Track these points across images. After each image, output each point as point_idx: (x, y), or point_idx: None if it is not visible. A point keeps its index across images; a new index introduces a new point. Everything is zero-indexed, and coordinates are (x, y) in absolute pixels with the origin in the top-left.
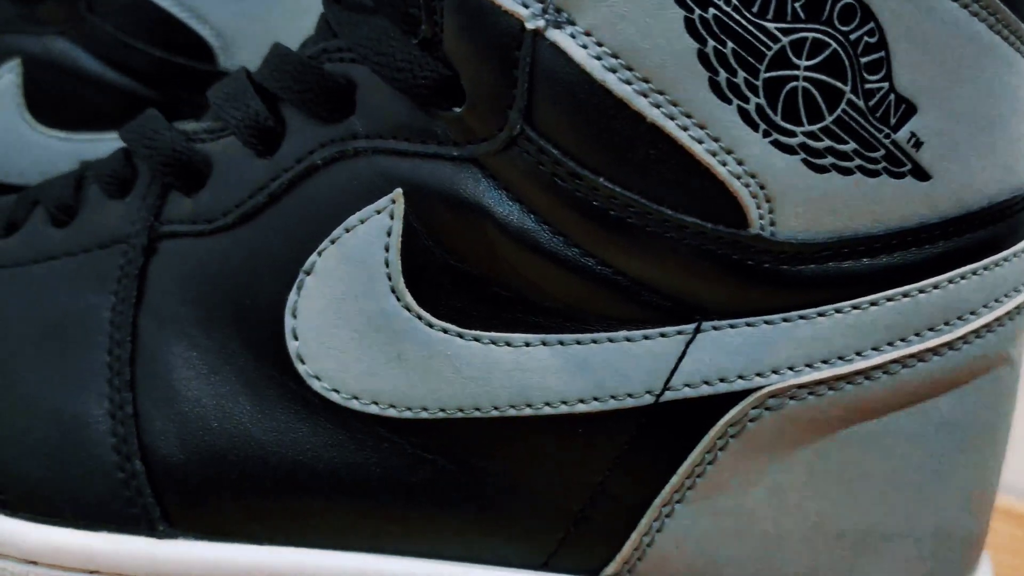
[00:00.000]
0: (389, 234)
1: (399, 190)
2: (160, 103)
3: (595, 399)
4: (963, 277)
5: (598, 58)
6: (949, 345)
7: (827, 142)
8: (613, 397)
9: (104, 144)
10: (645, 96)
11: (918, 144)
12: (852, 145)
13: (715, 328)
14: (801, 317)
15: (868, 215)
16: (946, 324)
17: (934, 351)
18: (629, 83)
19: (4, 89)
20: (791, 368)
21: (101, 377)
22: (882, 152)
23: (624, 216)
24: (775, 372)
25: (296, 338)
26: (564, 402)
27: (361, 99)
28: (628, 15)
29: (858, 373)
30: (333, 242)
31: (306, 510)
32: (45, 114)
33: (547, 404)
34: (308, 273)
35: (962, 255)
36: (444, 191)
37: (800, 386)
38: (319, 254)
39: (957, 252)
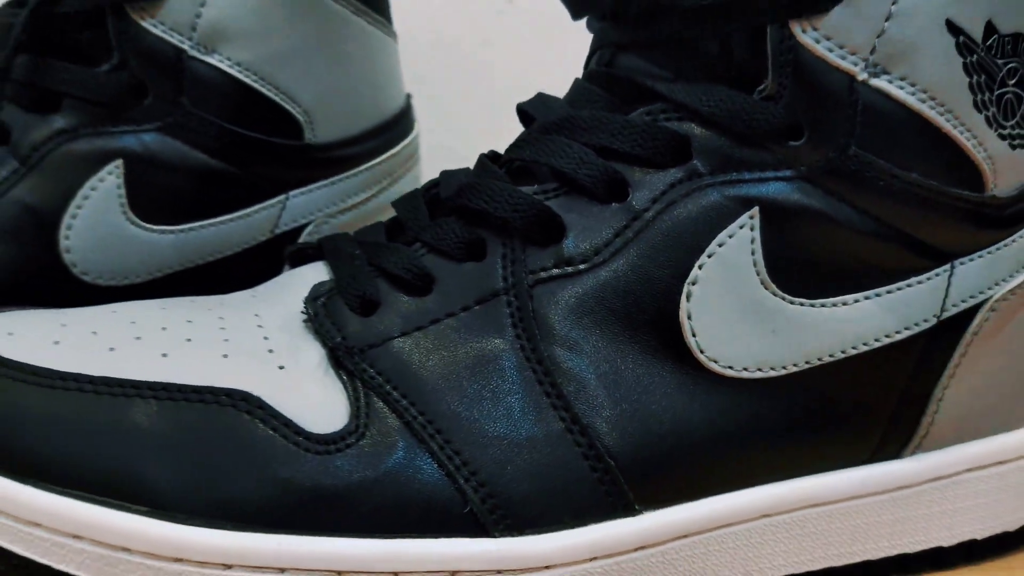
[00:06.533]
0: (753, 241)
1: (756, 208)
2: (241, 180)
3: (905, 328)
4: None
5: (913, 94)
6: None
7: (1018, 130)
8: (916, 324)
9: (207, 231)
10: (942, 115)
11: None
12: (1020, 131)
13: (962, 264)
14: (1005, 245)
15: None
16: None
17: None
18: (933, 108)
19: (108, 191)
20: (1007, 279)
21: (545, 404)
22: None
23: (929, 197)
24: (998, 284)
25: (694, 335)
26: (887, 336)
27: (697, 146)
28: (930, 66)
29: None
30: (710, 256)
31: (726, 464)
32: (149, 212)
33: (876, 340)
34: (693, 284)
35: None
36: (787, 203)
37: (1011, 291)
38: (699, 267)
39: None
